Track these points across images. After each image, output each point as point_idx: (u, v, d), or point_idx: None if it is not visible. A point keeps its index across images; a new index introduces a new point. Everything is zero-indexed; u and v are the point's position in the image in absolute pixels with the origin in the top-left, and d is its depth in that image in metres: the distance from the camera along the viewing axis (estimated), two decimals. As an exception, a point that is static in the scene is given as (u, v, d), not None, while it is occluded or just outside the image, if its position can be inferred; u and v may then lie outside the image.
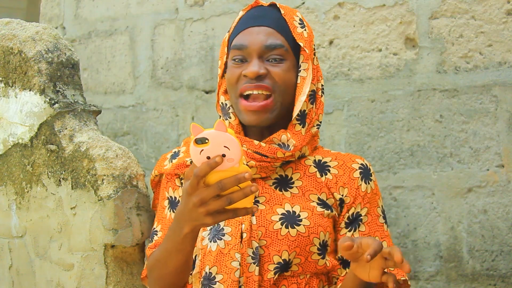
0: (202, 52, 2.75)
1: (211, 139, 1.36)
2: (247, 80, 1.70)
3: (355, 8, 2.42)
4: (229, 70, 1.75)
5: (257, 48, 1.70)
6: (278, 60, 1.71)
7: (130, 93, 2.95)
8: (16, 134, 2.06)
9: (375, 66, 2.39)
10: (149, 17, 2.90)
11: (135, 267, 1.92)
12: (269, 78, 1.70)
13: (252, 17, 1.75)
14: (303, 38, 1.75)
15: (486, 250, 2.22)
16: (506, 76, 2.19)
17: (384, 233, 1.77)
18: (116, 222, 1.86)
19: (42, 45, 2.05)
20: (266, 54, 1.71)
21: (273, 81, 1.70)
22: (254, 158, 1.71)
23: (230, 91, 1.75)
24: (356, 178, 1.76)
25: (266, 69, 1.70)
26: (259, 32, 1.72)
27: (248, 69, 1.69)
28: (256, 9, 1.78)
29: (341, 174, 1.76)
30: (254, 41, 1.71)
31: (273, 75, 1.70)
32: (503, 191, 2.19)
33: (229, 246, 1.65)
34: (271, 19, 1.74)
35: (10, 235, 2.11)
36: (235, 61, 1.73)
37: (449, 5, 2.27)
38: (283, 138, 1.73)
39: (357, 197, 1.75)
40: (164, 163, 1.84)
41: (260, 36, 1.71)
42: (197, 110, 2.76)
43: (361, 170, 1.78)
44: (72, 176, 1.93)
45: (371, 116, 2.39)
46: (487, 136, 2.21)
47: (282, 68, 1.72)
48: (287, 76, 1.72)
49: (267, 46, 1.70)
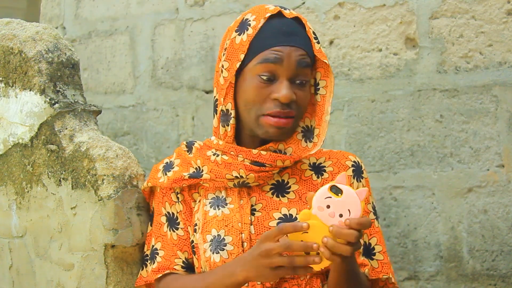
0: (202, 52, 2.75)
1: (345, 195, 1.38)
2: (277, 105, 1.66)
3: (355, 8, 2.42)
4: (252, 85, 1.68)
5: (291, 68, 1.66)
6: (304, 83, 1.68)
7: (130, 93, 2.95)
8: (16, 134, 2.07)
9: (375, 66, 2.39)
10: (149, 17, 2.90)
11: (135, 267, 1.92)
12: (295, 103, 1.68)
13: (282, 33, 1.68)
14: (323, 54, 1.72)
15: (486, 250, 2.22)
16: (506, 76, 2.19)
17: (374, 229, 1.76)
18: (116, 222, 1.86)
19: (42, 45, 2.05)
20: (296, 76, 1.67)
21: (297, 106, 1.69)
22: (252, 170, 1.70)
23: (249, 106, 1.69)
24: (349, 176, 1.76)
25: (295, 93, 1.67)
26: (292, 51, 1.67)
27: (281, 93, 1.65)
28: (283, 22, 1.70)
29: (336, 172, 1.76)
30: (288, 61, 1.66)
31: (299, 100, 1.68)
32: (503, 191, 2.19)
33: (232, 256, 1.66)
34: (302, 39, 1.69)
35: (10, 235, 2.11)
36: (263, 78, 1.67)
37: (449, 5, 2.27)
38: (280, 146, 1.72)
39: None
40: (157, 175, 1.82)
41: (293, 56, 1.66)
42: (197, 110, 2.76)
43: (354, 168, 1.78)
44: (72, 176, 1.93)
45: (371, 116, 2.39)
46: (487, 136, 2.21)
47: (307, 91, 1.70)
48: (307, 99, 1.72)
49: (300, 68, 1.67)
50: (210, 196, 1.75)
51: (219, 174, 1.71)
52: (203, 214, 1.73)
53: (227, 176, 1.70)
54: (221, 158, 1.73)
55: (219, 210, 1.72)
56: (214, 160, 1.74)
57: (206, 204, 1.74)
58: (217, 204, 1.73)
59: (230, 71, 1.71)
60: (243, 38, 1.70)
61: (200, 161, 1.76)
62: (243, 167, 1.69)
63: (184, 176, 1.76)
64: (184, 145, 1.84)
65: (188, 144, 1.83)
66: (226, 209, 1.71)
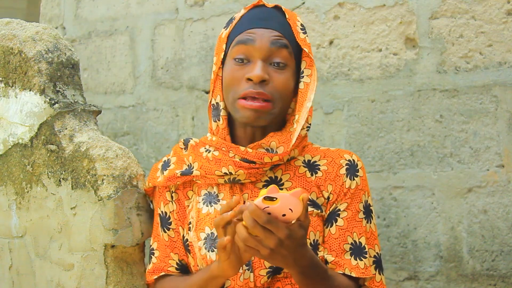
0: (202, 52, 2.75)
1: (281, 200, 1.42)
2: (250, 85, 1.67)
3: (355, 8, 2.42)
4: (229, 69, 1.71)
5: (264, 48, 1.67)
6: (281, 65, 1.69)
7: (130, 93, 2.95)
8: (16, 134, 2.07)
9: (375, 66, 2.39)
10: (149, 17, 2.90)
11: (135, 267, 1.92)
12: (270, 85, 1.68)
13: (257, 18, 1.71)
14: (306, 43, 1.73)
15: (486, 250, 2.22)
16: (506, 76, 2.19)
17: (361, 229, 1.73)
18: (116, 222, 1.86)
19: (42, 45, 2.05)
20: (270, 57, 1.68)
21: (275, 89, 1.68)
22: (242, 167, 1.70)
23: (227, 91, 1.71)
24: (342, 174, 1.75)
25: (269, 74, 1.68)
26: (265, 33, 1.69)
27: (253, 72, 1.66)
28: (261, 10, 1.74)
29: (330, 171, 1.75)
30: (261, 41, 1.68)
31: (275, 83, 1.68)
32: (503, 191, 2.19)
33: None
34: (277, 23, 1.71)
35: (10, 235, 2.11)
36: (237, 60, 1.69)
37: (449, 5, 2.27)
38: (272, 145, 1.72)
39: (340, 194, 1.74)
40: (156, 175, 1.84)
41: (266, 37, 1.68)
42: (197, 110, 2.76)
43: (348, 166, 1.76)
44: (72, 176, 1.93)
45: (371, 116, 2.39)
46: (487, 136, 2.21)
47: (285, 75, 1.69)
48: (287, 84, 1.70)
49: (273, 48, 1.67)
50: (203, 193, 1.76)
51: (209, 171, 1.72)
52: (197, 211, 1.74)
53: (217, 173, 1.71)
54: (212, 155, 1.73)
55: (212, 207, 1.72)
56: (206, 156, 1.74)
57: (200, 201, 1.75)
58: (210, 200, 1.73)
59: (217, 64, 1.75)
60: (226, 31, 1.75)
61: (192, 158, 1.77)
62: (232, 163, 1.70)
63: (177, 174, 1.77)
64: (182, 142, 1.85)
65: (185, 142, 1.84)
66: (218, 206, 1.72)
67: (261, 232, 1.43)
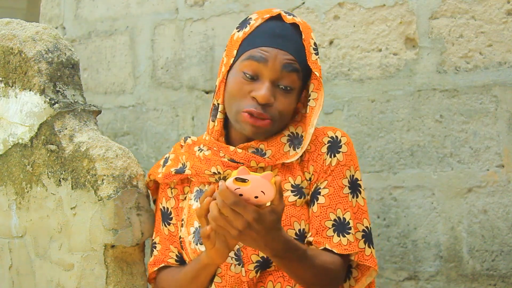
0: (202, 52, 2.75)
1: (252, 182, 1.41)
2: (254, 104, 1.66)
3: (355, 8, 2.42)
4: (236, 81, 1.69)
5: (275, 70, 1.66)
6: (289, 89, 1.68)
7: (130, 93, 2.95)
8: (16, 134, 2.06)
9: (375, 66, 2.39)
10: (149, 17, 2.90)
11: (135, 267, 1.92)
12: (274, 107, 1.67)
13: (273, 35, 1.68)
14: (317, 66, 1.71)
15: (486, 250, 2.22)
16: (506, 76, 2.19)
17: (346, 204, 1.70)
18: (116, 222, 1.86)
19: (42, 45, 2.05)
20: (280, 79, 1.67)
21: (277, 110, 1.68)
22: (230, 167, 1.70)
23: (231, 100, 1.71)
24: (323, 153, 1.73)
25: (275, 97, 1.67)
26: (279, 54, 1.66)
27: (259, 93, 1.65)
28: (278, 25, 1.70)
29: (313, 151, 1.74)
30: (273, 62, 1.66)
31: (279, 105, 1.68)
32: (503, 191, 2.19)
33: None
34: (292, 44, 1.68)
35: (10, 235, 2.11)
36: (246, 75, 1.67)
37: (449, 5, 2.27)
38: (261, 146, 1.72)
39: (321, 172, 1.72)
40: (158, 170, 1.88)
41: (280, 59, 1.66)
42: (197, 110, 2.76)
43: (330, 144, 1.74)
44: (72, 176, 1.93)
45: (371, 116, 2.39)
46: (487, 136, 2.21)
47: (290, 99, 1.69)
48: (291, 106, 1.70)
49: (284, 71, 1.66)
50: (195, 190, 1.79)
51: (200, 170, 1.74)
52: (188, 207, 1.78)
53: (206, 172, 1.73)
54: (203, 154, 1.75)
55: None
56: (198, 155, 1.77)
57: (191, 198, 1.78)
58: (200, 196, 1.75)
59: (225, 66, 1.74)
60: (239, 35, 1.72)
61: (185, 157, 1.80)
62: (221, 163, 1.71)
63: (172, 172, 1.81)
64: (182, 140, 1.88)
65: (185, 140, 1.87)
66: None
67: (230, 212, 1.43)
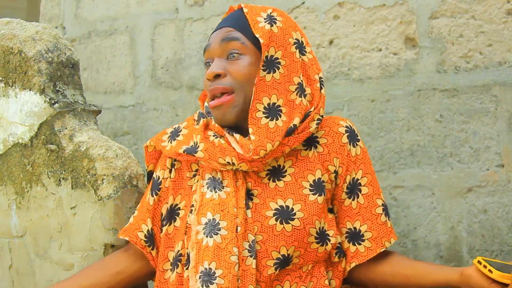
0: (202, 52, 2.75)
1: None
2: (210, 84, 1.72)
3: (355, 8, 2.42)
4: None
5: (216, 46, 1.73)
6: (235, 56, 1.71)
7: (130, 93, 2.95)
8: (16, 134, 2.07)
9: (375, 66, 2.39)
10: (149, 17, 2.90)
11: (135, 267, 1.92)
12: (228, 77, 1.70)
13: (219, 23, 1.78)
14: (264, 31, 1.71)
15: (486, 250, 2.22)
16: (506, 76, 2.19)
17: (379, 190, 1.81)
18: (116, 222, 1.86)
19: (42, 45, 2.05)
20: (224, 52, 1.71)
21: (233, 79, 1.70)
22: (244, 159, 1.69)
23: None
24: (345, 143, 1.77)
25: (225, 68, 1.70)
26: (219, 33, 1.74)
27: (207, 71, 1.73)
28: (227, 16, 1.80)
29: (331, 142, 1.76)
30: (214, 41, 1.74)
31: (232, 73, 1.70)
32: (503, 191, 2.19)
33: (226, 241, 1.64)
34: (232, 20, 1.75)
35: (10, 235, 2.11)
36: (205, 66, 1.76)
37: (449, 5, 2.27)
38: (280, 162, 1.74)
39: (350, 164, 1.76)
40: (162, 138, 1.84)
41: (219, 36, 1.73)
42: (197, 110, 2.76)
43: (348, 134, 1.78)
44: (72, 176, 1.93)
45: (371, 116, 2.39)
46: (487, 136, 2.21)
47: (241, 63, 1.70)
48: (247, 71, 1.70)
49: (223, 43, 1.71)
50: (207, 177, 1.74)
51: (213, 156, 1.71)
52: (200, 195, 1.72)
53: (220, 160, 1.70)
54: (219, 141, 1.73)
55: (216, 193, 1.71)
56: (212, 140, 1.74)
57: (204, 185, 1.74)
58: (214, 186, 1.72)
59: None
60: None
61: (200, 137, 1.76)
62: (236, 155, 1.69)
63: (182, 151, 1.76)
64: (196, 114, 1.85)
65: (199, 115, 1.83)
66: (223, 193, 1.70)
67: None
